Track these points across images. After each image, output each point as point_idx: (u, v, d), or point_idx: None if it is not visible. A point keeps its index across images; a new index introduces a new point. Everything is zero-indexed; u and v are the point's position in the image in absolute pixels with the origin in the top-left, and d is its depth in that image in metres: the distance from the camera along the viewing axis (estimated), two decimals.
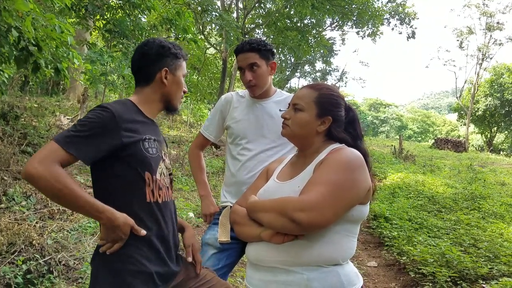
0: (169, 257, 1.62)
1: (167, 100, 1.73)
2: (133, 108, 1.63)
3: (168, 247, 1.63)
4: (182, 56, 1.74)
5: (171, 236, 1.65)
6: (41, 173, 1.31)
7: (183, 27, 9.60)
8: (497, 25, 30.22)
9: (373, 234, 5.76)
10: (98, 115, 1.47)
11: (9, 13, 3.56)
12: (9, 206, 4.56)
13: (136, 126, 1.56)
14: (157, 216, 1.58)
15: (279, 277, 1.39)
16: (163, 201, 1.61)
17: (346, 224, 1.39)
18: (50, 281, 3.22)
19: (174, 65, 1.71)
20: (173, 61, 1.70)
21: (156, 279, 1.54)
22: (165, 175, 1.67)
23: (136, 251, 1.51)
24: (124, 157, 1.50)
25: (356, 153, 1.41)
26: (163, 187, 1.62)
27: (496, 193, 8.95)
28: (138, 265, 1.50)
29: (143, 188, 1.54)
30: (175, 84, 1.72)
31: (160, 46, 1.68)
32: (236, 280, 3.79)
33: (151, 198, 1.56)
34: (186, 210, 5.80)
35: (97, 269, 1.53)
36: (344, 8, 18.42)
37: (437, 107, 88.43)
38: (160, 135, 1.75)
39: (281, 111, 2.19)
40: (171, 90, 1.71)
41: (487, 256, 4.21)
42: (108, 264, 1.50)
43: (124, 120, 1.51)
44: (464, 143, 26.63)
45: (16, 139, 7.11)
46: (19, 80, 14.44)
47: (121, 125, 1.49)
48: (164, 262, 1.59)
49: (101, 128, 1.45)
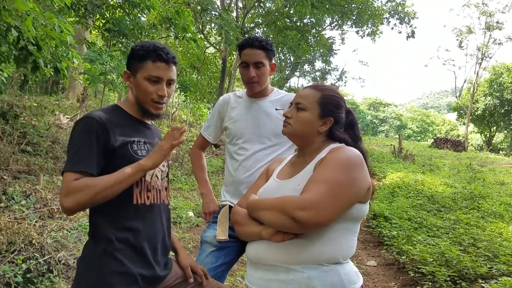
0: (155, 260, 1.61)
1: (139, 103, 1.65)
2: (120, 112, 1.65)
3: (155, 250, 1.61)
4: (149, 57, 1.59)
5: (159, 240, 1.64)
6: (74, 206, 1.41)
7: (182, 26, 9.59)
8: (497, 25, 30.28)
9: (372, 234, 5.76)
10: (84, 126, 1.50)
11: (9, 13, 3.55)
12: (9, 205, 4.56)
13: (123, 129, 1.57)
14: (144, 218, 1.58)
15: (280, 276, 1.39)
16: (151, 203, 1.60)
17: (346, 223, 1.40)
18: (50, 280, 3.23)
19: (135, 67, 1.61)
20: (136, 63, 1.61)
21: (140, 281, 1.53)
22: (158, 178, 1.67)
23: (120, 252, 1.51)
24: (114, 159, 1.51)
25: (356, 152, 1.42)
26: (152, 189, 1.61)
27: (495, 193, 8.95)
28: (121, 266, 1.50)
29: (131, 189, 1.54)
30: (137, 87, 1.62)
31: (131, 49, 1.66)
32: (236, 279, 3.79)
33: (138, 200, 1.56)
34: (185, 209, 5.80)
35: (80, 268, 1.55)
36: (343, 7, 18.42)
37: (436, 107, 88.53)
38: (154, 137, 1.74)
39: (277, 110, 2.20)
40: (136, 93, 1.64)
41: (487, 255, 4.21)
42: (91, 264, 1.51)
43: (109, 124, 1.52)
44: (464, 142, 26.65)
45: (16, 138, 7.10)
46: (18, 79, 14.43)
47: (108, 128, 1.50)
48: (149, 265, 1.58)
49: (91, 135, 1.48)
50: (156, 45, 1.60)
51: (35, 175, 6.09)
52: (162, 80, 1.60)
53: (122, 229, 1.53)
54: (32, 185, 5.56)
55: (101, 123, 1.49)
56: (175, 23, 9.60)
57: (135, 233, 1.54)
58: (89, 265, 1.52)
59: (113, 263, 1.49)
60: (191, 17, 10.02)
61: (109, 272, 1.49)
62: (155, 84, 1.60)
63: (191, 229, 5.22)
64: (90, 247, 1.55)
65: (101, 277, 1.48)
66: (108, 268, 1.49)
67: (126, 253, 1.52)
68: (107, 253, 1.50)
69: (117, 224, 1.53)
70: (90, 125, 1.48)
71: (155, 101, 1.62)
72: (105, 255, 1.50)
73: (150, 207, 1.60)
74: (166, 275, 1.68)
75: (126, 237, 1.52)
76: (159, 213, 1.66)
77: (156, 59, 1.58)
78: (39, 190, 5.30)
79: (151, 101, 1.61)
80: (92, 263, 1.51)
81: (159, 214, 1.65)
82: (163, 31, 12.42)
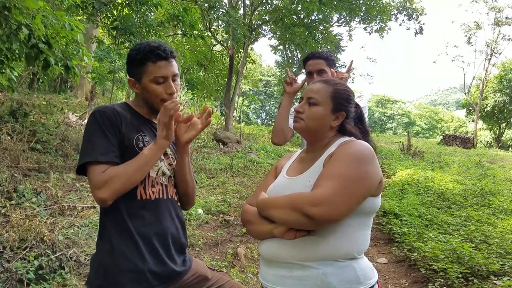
0: (169, 256, 1.59)
1: (149, 106, 1.66)
2: (129, 109, 1.66)
3: (166, 246, 1.59)
4: (149, 59, 1.58)
5: (171, 236, 1.62)
6: (110, 196, 1.45)
7: (190, 23, 9.60)
8: (506, 20, 29.92)
9: (382, 231, 5.73)
10: (96, 118, 1.53)
11: (20, 11, 3.57)
12: (20, 202, 4.60)
13: (129, 125, 1.59)
14: (150, 212, 1.57)
15: (295, 273, 1.38)
16: (156, 198, 1.60)
17: (359, 217, 1.39)
18: (61, 277, 3.25)
19: (139, 73, 1.61)
20: (137, 68, 1.61)
21: (150, 278, 1.52)
22: (166, 174, 1.67)
23: (128, 249, 1.51)
24: (120, 150, 1.54)
25: (366, 145, 1.41)
26: (157, 185, 1.61)
27: (506, 189, 8.85)
28: (129, 264, 1.49)
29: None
30: (145, 92, 1.62)
31: (128, 55, 1.66)
32: (247, 276, 3.79)
33: (143, 195, 1.56)
34: (195, 207, 5.81)
35: (92, 264, 1.56)
36: (351, 3, 18.32)
37: (445, 103, 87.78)
38: None
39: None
40: (145, 97, 1.64)
41: (499, 252, 4.17)
42: (101, 263, 1.52)
43: (119, 117, 1.56)
44: (473, 139, 26.43)
45: (26, 136, 7.17)
46: (27, 77, 14.54)
47: (119, 121, 1.55)
48: (161, 261, 1.56)
49: (105, 125, 1.52)
50: (151, 45, 1.59)
51: (45, 173, 6.14)
52: (167, 78, 1.60)
53: (129, 225, 1.52)
54: (42, 182, 5.61)
55: (112, 115, 1.54)
56: (182, 20, 9.61)
57: (142, 228, 1.54)
58: (99, 264, 1.52)
59: (121, 260, 1.49)
60: (198, 14, 10.02)
61: (118, 271, 1.49)
62: (162, 84, 1.60)
63: (200, 226, 5.23)
64: (99, 245, 1.57)
65: (111, 276, 1.49)
66: (117, 266, 1.49)
67: (132, 249, 1.51)
68: (114, 251, 1.50)
69: (123, 220, 1.53)
70: (103, 117, 1.52)
71: (165, 99, 1.60)
72: (113, 253, 1.50)
73: (156, 202, 1.59)
74: (183, 272, 1.65)
75: (132, 232, 1.52)
76: (167, 208, 1.64)
77: (156, 59, 1.57)
78: (49, 187, 5.34)
79: (161, 101, 1.60)
80: (101, 261, 1.52)
81: (168, 209, 1.64)
82: (170, 28, 12.44)
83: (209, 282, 1.74)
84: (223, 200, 6.59)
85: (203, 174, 8.54)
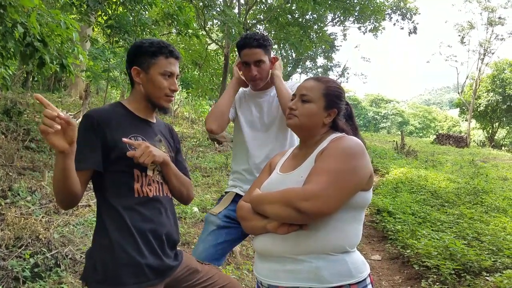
0: (163, 251, 1.63)
1: (149, 99, 1.71)
2: (122, 110, 1.70)
3: (161, 241, 1.64)
4: (162, 54, 1.66)
5: (166, 232, 1.66)
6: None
7: (184, 22, 9.58)
8: (499, 20, 30.16)
9: (376, 228, 5.78)
10: (84, 125, 1.57)
11: (15, 9, 3.57)
12: (15, 201, 4.59)
13: (121, 127, 1.62)
14: (147, 208, 1.61)
15: (288, 266, 1.41)
16: (153, 195, 1.64)
17: (350, 211, 1.42)
18: (57, 275, 3.25)
19: (147, 63, 1.66)
20: (147, 59, 1.66)
21: (148, 272, 1.56)
22: (161, 173, 1.71)
23: (127, 244, 1.54)
24: (113, 155, 1.57)
25: (356, 141, 1.45)
26: (153, 183, 1.66)
27: (498, 188, 8.95)
28: (128, 257, 1.52)
29: (131, 183, 1.59)
30: (150, 83, 1.67)
31: (136, 46, 1.70)
32: (242, 273, 3.81)
33: (140, 193, 1.61)
34: (190, 205, 5.82)
35: (89, 260, 1.58)
36: (345, 3, 18.35)
37: (438, 103, 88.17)
38: (155, 134, 1.76)
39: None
40: (147, 89, 1.69)
41: (491, 249, 4.22)
42: (99, 257, 1.54)
43: (108, 121, 1.59)
44: (466, 138, 26.61)
45: (20, 135, 7.14)
46: (21, 76, 14.46)
47: (105, 126, 1.57)
48: (157, 256, 1.60)
49: (90, 133, 1.55)
50: (164, 42, 1.70)
51: (39, 172, 6.12)
52: (173, 75, 1.70)
53: (127, 221, 1.56)
54: (37, 181, 5.59)
55: (98, 121, 1.57)
56: (177, 19, 9.59)
57: (140, 224, 1.57)
58: (97, 259, 1.54)
59: (120, 255, 1.52)
60: (192, 13, 10.00)
61: (117, 265, 1.51)
62: (168, 79, 1.68)
63: (196, 224, 5.24)
64: (96, 241, 1.59)
65: (110, 270, 1.51)
66: (117, 260, 1.51)
67: (131, 243, 1.54)
68: (113, 246, 1.52)
69: (121, 216, 1.56)
70: (89, 124, 1.57)
71: (168, 95, 1.70)
72: (112, 248, 1.52)
73: (153, 199, 1.64)
74: (176, 266, 1.70)
75: (130, 228, 1.55)
76: (164, 205, 1.69)
77: (168, 56, 1.68)
78: (44, 186, 5.32)
79: (164, 95, 1.69)
80: (100, 256, 1.54)
81: (163, 206, 1.68)
82: (165, 27, 12.40)
83: (199, 274, 1.79)
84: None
85: (198, 173, 8.55)
